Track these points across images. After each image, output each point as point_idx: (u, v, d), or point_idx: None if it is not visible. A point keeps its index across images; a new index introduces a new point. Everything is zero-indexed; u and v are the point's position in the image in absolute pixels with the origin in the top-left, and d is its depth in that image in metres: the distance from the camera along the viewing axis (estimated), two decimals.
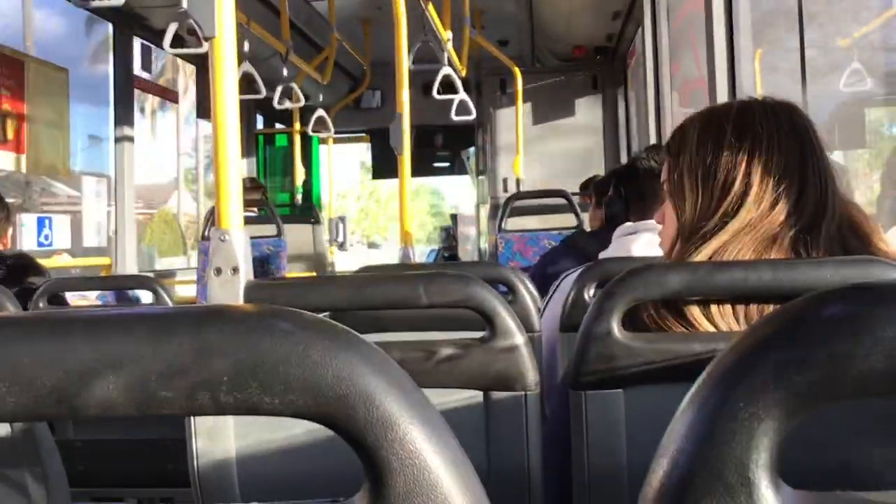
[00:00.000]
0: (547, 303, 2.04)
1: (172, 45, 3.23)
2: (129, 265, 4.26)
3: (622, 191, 2.06)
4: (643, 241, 1.82)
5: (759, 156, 1.04)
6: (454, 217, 10.13)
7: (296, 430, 1.06)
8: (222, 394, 0.36)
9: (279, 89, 4.55)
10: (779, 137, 1.05)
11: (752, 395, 0.36)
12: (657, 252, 1.30)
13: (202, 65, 5.67)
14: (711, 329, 1.00)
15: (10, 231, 2.67)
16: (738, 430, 0.36)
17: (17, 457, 0.99)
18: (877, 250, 1.04)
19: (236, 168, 1.20)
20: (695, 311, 1.01)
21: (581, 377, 1.03)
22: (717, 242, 1.03)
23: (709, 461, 0.36)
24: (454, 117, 4.54)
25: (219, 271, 1.13)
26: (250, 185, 4.59)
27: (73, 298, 2.68)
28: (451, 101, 4.46)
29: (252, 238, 1.27)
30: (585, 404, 1.02)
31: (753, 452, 0.35)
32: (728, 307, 1.00)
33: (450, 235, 9.81)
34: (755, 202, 1.02)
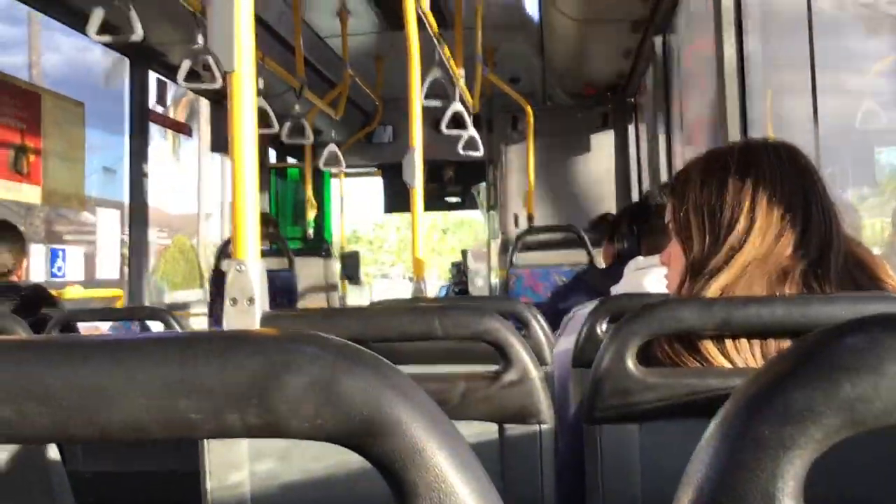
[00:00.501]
0: (559, 338, 2.04)
1: (187, 80, 3.28)
2: (142, 297, 4.28)
3: (635, 227, 2.06)
4: (655, 276, 1.82)
5: (763, 191, 1.05)
6: (465, 252, 10.15)
7: (311, 459, 1.05)
8: (251, 416, 0.36)
9: (288, 124, 4.61)
10: (781, 174, 1.06)
11: (778, 423, 0.36)
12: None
13: (216, 99, 5.74)
14: (726, 364, 1.00)
15: (24, 262, 2.69)
16: (764, 459, 0.36)
17: (28, 486, 0.99)
18: (885, 285, 1.04)
19: (253, 200, 1.21)
20: (709, 347, 1.01)
21: (596, 412, 1.02)
22: (727, 277, 1.04)
23: (735, 490, 0.36)
24: (462, 152, 4.57)
25: (235, 301, 1.14)
26: (262, 219, 4.61)
27: (85, 329, 2.69)
28: (461, 136, 4.50)
29: None
30: (601, 439, 1.01)
31: (779, 481, 0.35)
32: (743, 343, 1.00)
33: (460, 271, 9.81)
34: (760, 235, 1.03)
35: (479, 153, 4.57)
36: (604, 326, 1.67)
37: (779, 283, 1.03)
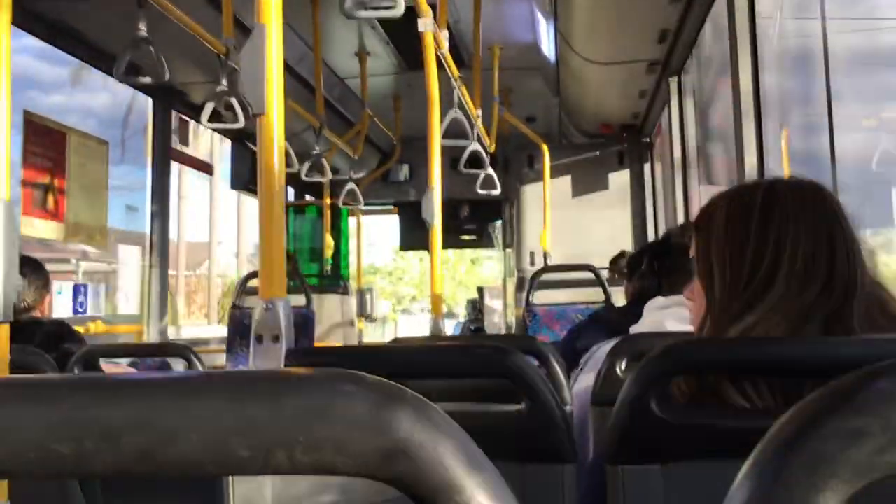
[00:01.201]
0: (577, 376, 2.03)
1: (210, 120, 3.35)
2: (162, 333, 4.31)
3: (655, 265, 2.07)
4: (676, 315, 1.82)
5: (788, 233, 1.04)
6: (480, 290, 10.15)
7: (337, 496, 1.06)
8: (298, 454, 0.38)
9: (308, 163, 4.66)
10: (805, 215, 1.05)
11: (811, 465, 0.37)
12: (689, 327, 1.30)
13: (237, 138, 5.82)
14: (747, 405, 1.01)
15: (47, 298, 2.73)
16: (797, 501, 0.37)
17: None
18: None
19: (280, 239, 1.23)
20: (730, 388, 1.01)
21: (618, 452, 1.02)
22: (750, 320, 1.03)
23: None
24: (479, 191, 4.60)
25: (261, 339, 1.15)
26: None
27: (106, 365, 2.71)
28: (478, 175, 4.54)
29: None
30: (623, 479, 1.01)
31: None
32: (765, 383, 1.00)
33: (476, 308, 9.79)
34: (784, 279, 1.03)
35: (497, 191, 4.60)
36: (623, 365, 1.67)
37: (800, 327, 1.02)
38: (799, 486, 0.37)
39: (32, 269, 2.66)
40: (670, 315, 1.86)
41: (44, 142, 3.89)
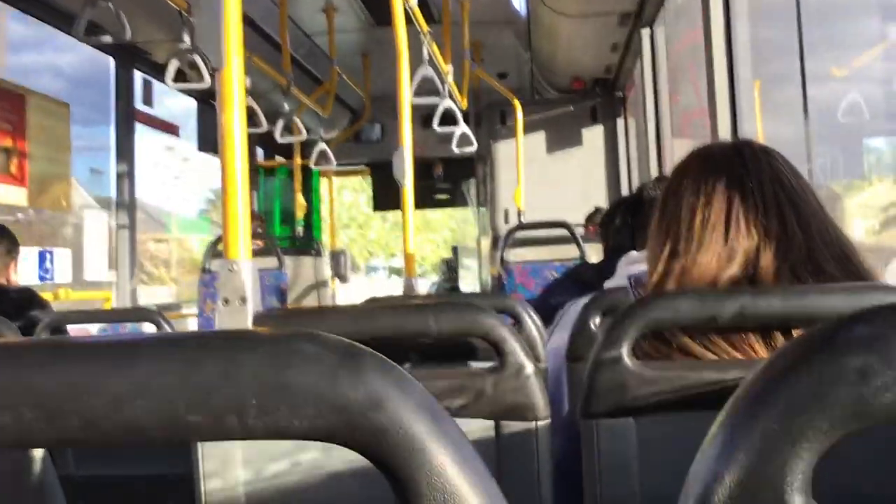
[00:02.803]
0: (551, 333, 2.03)
1: (174, 80, 3.27)
2: (131, 298, 4.25)
3: (629, 220, 2.06)
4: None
5: (736, 195, 1.06)
6: (455, 249, 10.15)
7: (307, 460, 1.05)
8: (251, 418, 0.36)
9: (280, 123, 4.59)
10: (748, 175, 1.07)
11: (786, 416, 0.35)
12: None
13: (203, 99, 5.71)
14: (722, 357, 1.00)
15: (13, 265, 2.67)
16: (772, 453, 0.35)
17: (18, 492, 0.98)
18: (868, 274, 1.04)
19: (244, 199, 1.20)
20: (705, 339, 1.01)
21: (592, 406, 1.02)
22: (703, 261, 1.04)
23: (742, 484, 0.35)
24: (455, 149, 4.57)
25: (227, 301, 1.13)
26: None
27: (74, 332, 2.67)
28: (452, 133, 4.49)
29: None
30: (597, 433, 1.01)
31: (788, 475, 0.35)
32: (739, 335, 1.00)
33: (451, 268, 9.80)
34: (735, 227, 1.04)
35: (473, 148, 4.56)
36: (597, 321, 1.67)
37: (764, 273, 1.03)
38: (774, 439, 0.35)
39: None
40: (644, 269, 1.85)
41: (2, 105, 3.79)
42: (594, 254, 4.22)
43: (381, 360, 0.38)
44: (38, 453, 1.34)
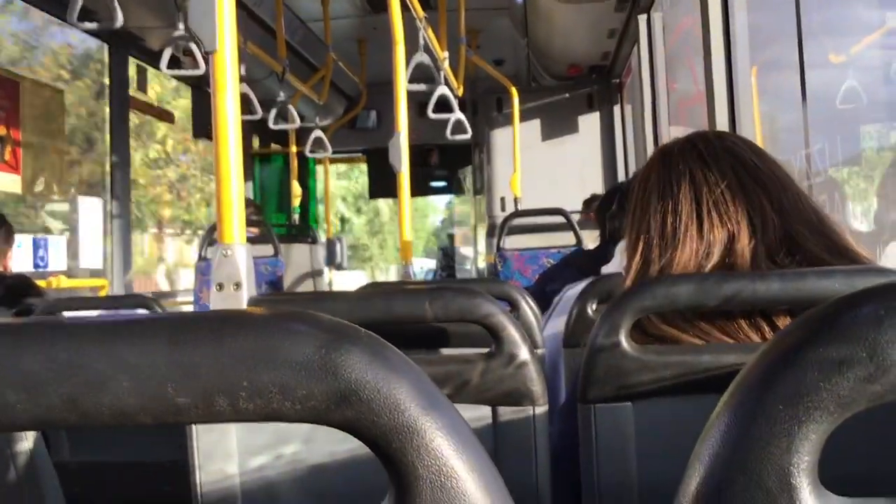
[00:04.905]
0: (547, 319, 2.02)
1: (169, 67, 3.24)
2: (126, 286, 4.24)
3: (625, 206, 2.05)
4: None
5: (702, 189, 1.05)
6: (451, 236, 10.13)
7: (301, 444, 1.04)
8: (242, 400, 0.35)
9: (275, 110, 4.56)
10: (708, 166, 1.06)
11: (792, 397, 0.34)
12: None
13: (198, 85, 5.68)
14: (719, 340, 1.00)
15: (9, 252, 2.65)
16: (778, 434, 0.34)
17: (12, 477, 0.97)
18: (858, 256, 1.04)
19: (238, 184, 1.19)
20: (701, 324, 1.00)
21: (589, 391, 1.01)
22: (688, 250, 1.04)
23: (747, 466, 0.35)
24: (450, 136, 4.54)
25: (221, 287, 1.12)
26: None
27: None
28: (447, 120, 4.47)
29: None
30: (595, 418, 1.00)
31: (794, 456, 0.34)
32: (738, 319, 0.99)
33: (447, 255, 9.80)
34: (711, 230, 1.03)
35: (467, 136, 4.54)
36: (594, 307, 1.66)
37: (741, 259, 1.02)
38: (780, 419, 0.34)
39: None
40: None
41: None
42: (591, 241, 4.21)
43: (375, 339, 0.37)
44: (32, 439, 1.33)
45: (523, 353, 1.11)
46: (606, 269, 1.93)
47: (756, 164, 1.06)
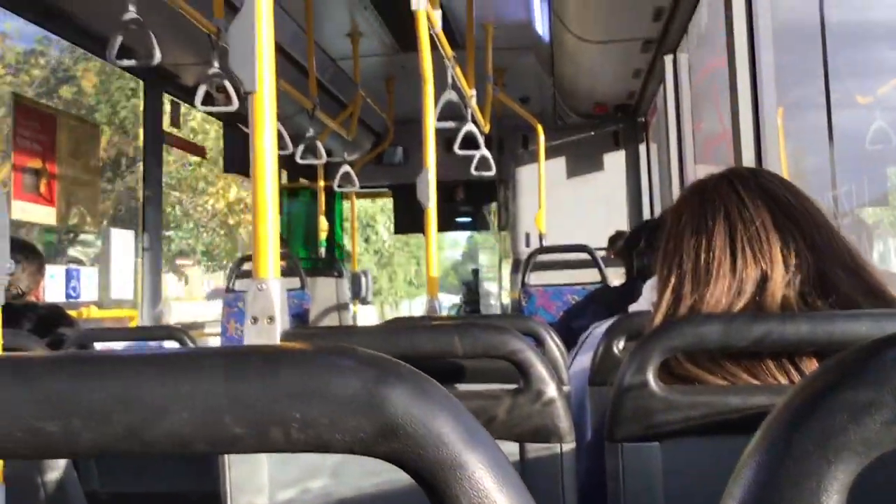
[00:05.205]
0: (574, 356, 2.03)
1: (203, 104, 3.32)
2: (155, 317, 4.29)
3: (652, 244, 2.06)
4: None
5: (736, 225, 1.05)
6: (475, 272, 10.14)
7: (330, 479, 1.05)
8: (294, 431, 0.37)
9: (303, 145, 4.64)
10: (743, 202, 1.06)
11: (821, 438, 0.36)
12: None
13: (230, 121, 5.78)
14: (746, 381, 1.00)
15: (41, 283, 2.71)
16: (808, 474, 0.36)
17: None
18: (891, 297, 1.03)
19: (273, 220, 1.22)
20: (728, 364, 1.01)
21: (617, 429, 1.02)
22: (717, 290, 1.04)
23: None
24: (474, 172, 4.58)
25: (255, 320, 1.14)
26: None
27: (100, 349, 2.71)
28: (473, 156, 4.52)
29: None
30: (622, 457, 1.01)
31: (823, 496, 0.35)
32: (766, 360, 1.00)
33: (471, 290, 9.80)
34: (742, 254, 1.03)
35: (492, 173, 4.58)
36: (620, 345, 1.67)
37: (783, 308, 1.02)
38: (809, 460, 0.36)
39: (27, 253, 2.64)
40: None
41: (34, 125, 3.86)
42: (615, 278, 4.21)
43: (418, 374, 0.38)
44: (64, 469, 1.35)
45: (551, 390, 1.12)
46: (635, 308, 1.93)
47: (790, 202, 1.07)
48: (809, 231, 1.04)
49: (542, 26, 5.42)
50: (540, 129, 5.67)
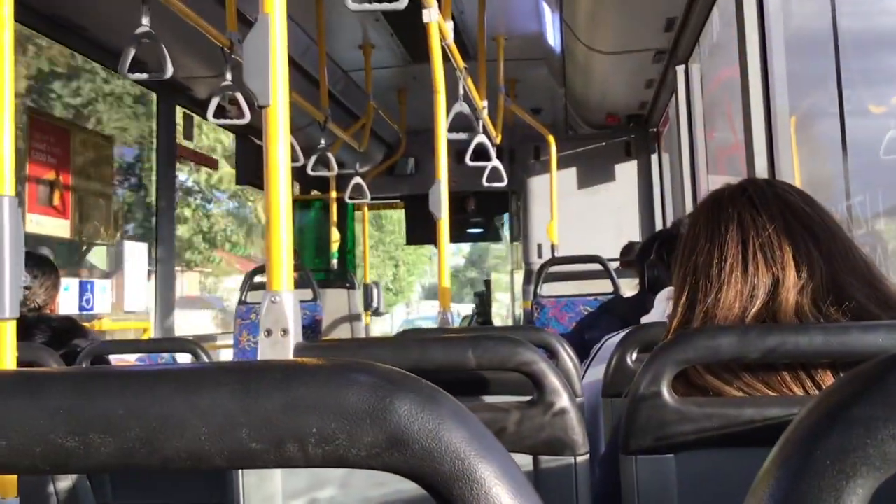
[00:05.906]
0: (587, 367, 2.02)
1: (215, 116, 3.34)
2: (167, 329, 4.31)
3: (664, 255, 2.05)
4: None
5: (750, 232, 1.05)
6: (487, 283, 10.12)
7: (338, 490, 1.05)
8: (311, 446, 0.37)
9: (314, 156, 4.66)
10: (758, 210, 1.07)
11: (839, 453, 0.36)
12: None
13: (241, 133, 5.82)
14: (762, 392, 0.99)
15: (56, 296, 2.72)
16: (826, 488, 0.35)
17: None
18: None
19: (287, 233, 1.22)
20: (745, 375, 1.00)
21: (631, 441, 1.01)
22: (728, 298, 1.04)
23: None
24: (486, 183, 4.59)
25: (269, 333, 1.14)
26: None
27: (114, 361, 2.72)
28: (485, 167, 4.52)
29: None
30: (637, 469, 1.00)
31: None
32: (781, 371, 0.99)
33: (483, 301, 9.78)
34: (756, 273, 1.03)
35: (503, 184, 4.59)
36: (633, 356, 1.66)
37: (797, 317, 1.02)
38: (828, 474, 0.35)
39: (43, 268, 2.65)
40: None
41: (48, 138, 3.89)
42: (628, 289, 4.19)
43: (433, 388, 0.38)
44: (78, 482, 1.35)
45: (564, 402, 1.12)
46: (647, 319, 1.93)
47: (805, 211, 1.07)
48: (824, 240, 1.04)
49: (553, 38, 5.43)
50: (552, 139, 5.67)
